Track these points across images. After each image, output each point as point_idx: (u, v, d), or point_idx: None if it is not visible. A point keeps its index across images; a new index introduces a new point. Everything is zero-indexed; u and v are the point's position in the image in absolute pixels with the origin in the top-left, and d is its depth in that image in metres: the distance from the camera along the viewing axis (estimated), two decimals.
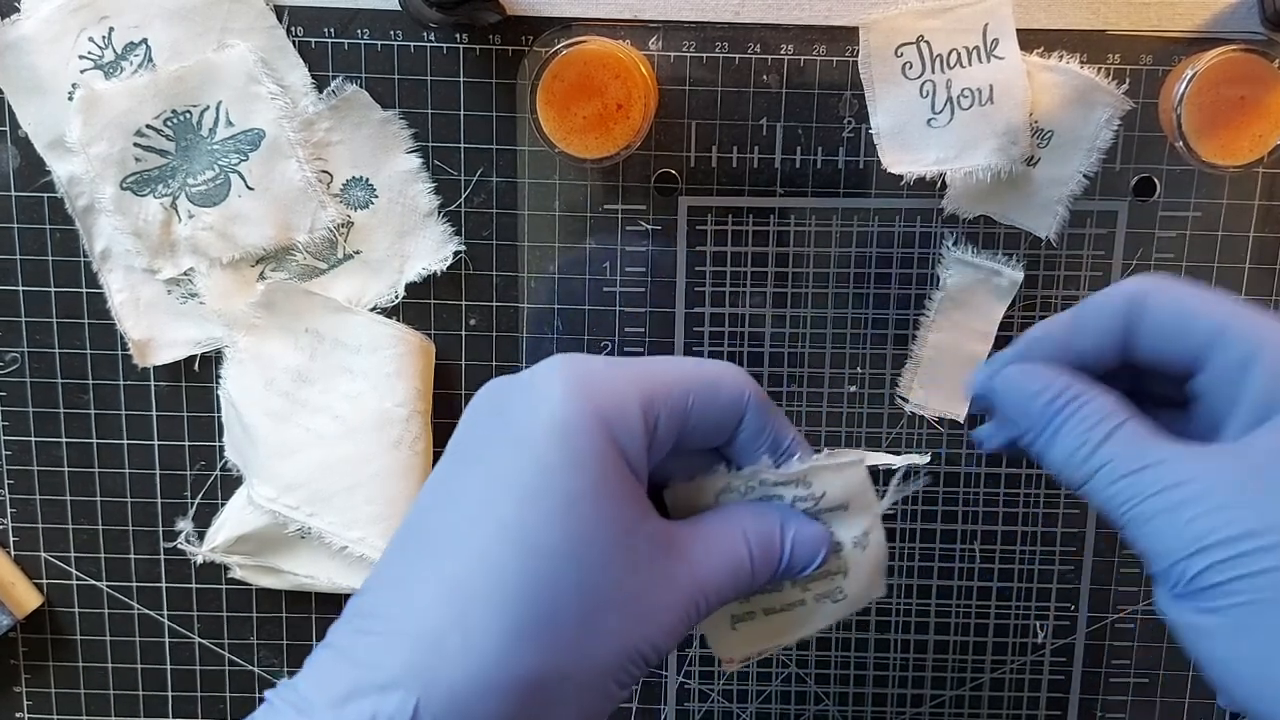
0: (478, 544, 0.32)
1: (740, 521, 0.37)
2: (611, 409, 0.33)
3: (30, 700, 0.59)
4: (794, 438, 0.38)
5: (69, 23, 0.52)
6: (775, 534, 0.37)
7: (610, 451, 0.33)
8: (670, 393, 0.35)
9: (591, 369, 0.34)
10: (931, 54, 0.51)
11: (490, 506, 0.33)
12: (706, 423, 0.36)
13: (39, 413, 0.57)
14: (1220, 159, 0.51)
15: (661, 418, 0.35)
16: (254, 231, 0.53)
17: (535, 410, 0.33)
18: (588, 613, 0.32)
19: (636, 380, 0.34)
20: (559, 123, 0.50)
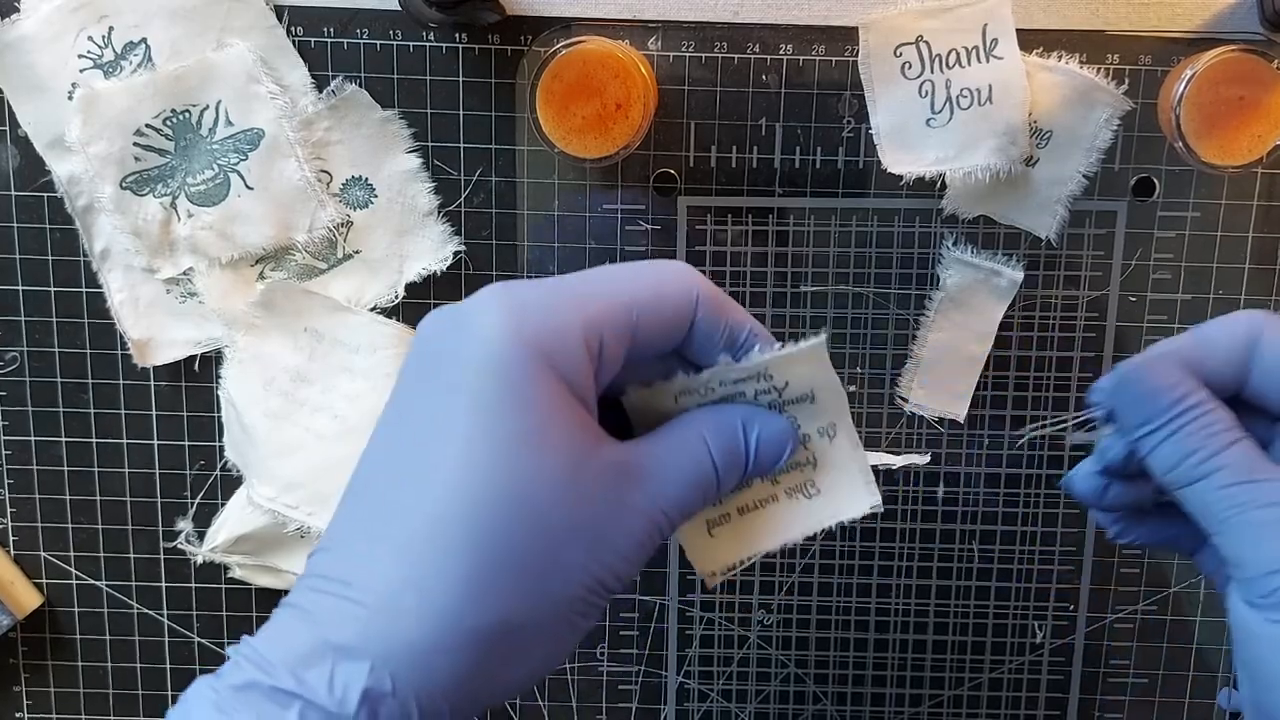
0: (425, 498, 0.31)
1: (698, 427, 0.36)
2: (551, 341, 0.32)
3: (30, 700, 0.59)
4: (750, 329, 0.37)
5: (68, 22, 0.52)
6: (738, 434, 0.36)
7: (553, 386, 0.32)
8: (612, 311, 0.34)
9: (526, 300, 0.33)
10: (931, 54, 0.51)
11: (434, 458, 0.32)
12: (655, 332, 0.35)
13: (39, 413, 0.57)
14: (1219, 159, 0.51)
15: (606, 339, 0.33)
16: (253, 231, 0.53)
17: (471, 351, 0.32)
18: (543, 554, 0.32)
19: (575, 305, 0.33)
20: (558, 122, 0.50)
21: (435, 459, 0.32)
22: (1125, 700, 0.59)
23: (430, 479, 0.32)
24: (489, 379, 0.32)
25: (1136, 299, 0.55)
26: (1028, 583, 0.58)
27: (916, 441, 0.57)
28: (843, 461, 0.39)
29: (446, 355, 0.33)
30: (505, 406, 0.31)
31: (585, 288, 0.34)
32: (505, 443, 0.31)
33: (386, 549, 0.31)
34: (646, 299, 0.34)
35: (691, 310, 0.35)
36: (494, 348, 0.32)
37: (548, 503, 0.32)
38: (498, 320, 0.32)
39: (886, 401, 0.56)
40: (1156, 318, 0.55)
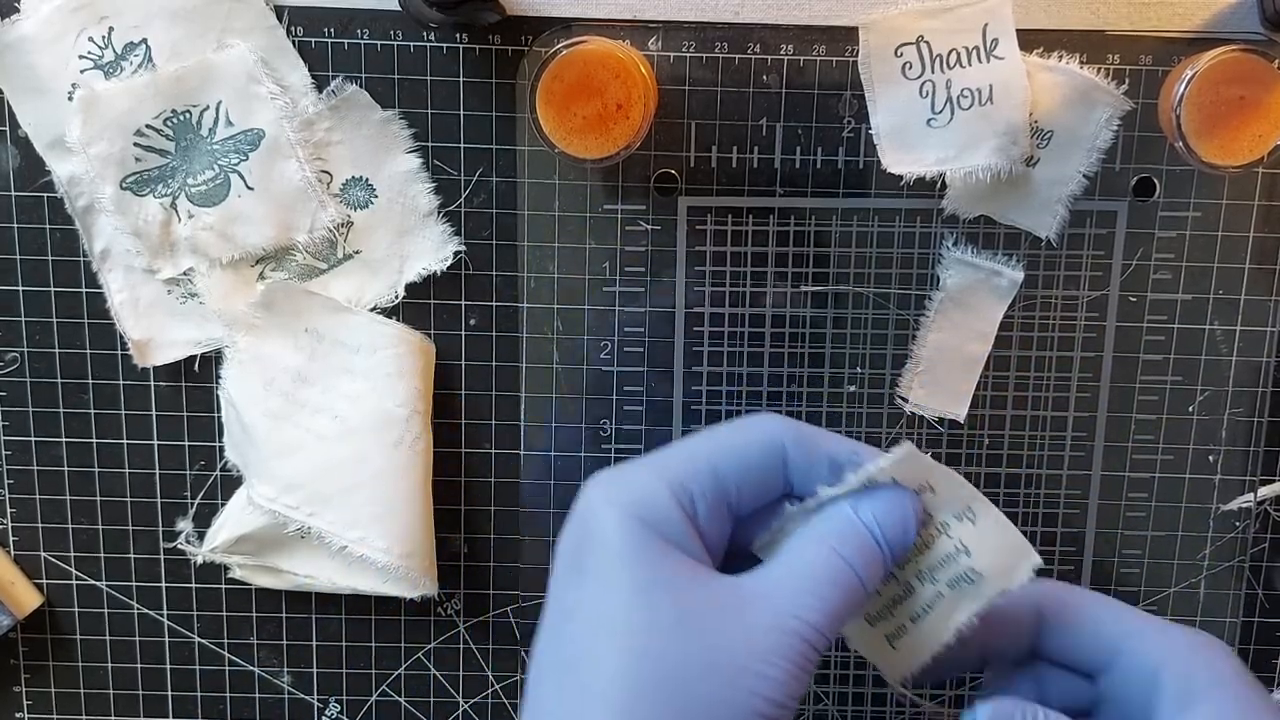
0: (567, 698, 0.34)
1: (809, 531, 0.37)
2: (649, 511, 0.35)
3: (30, 700, 0.59)
4: (850, 451, 0.38)
5: (69, 23, 0.52)
6: (853, 521, 0.37)
7: (659, 544, 0.35)
8: (694, 468, 0.36)
9: (623, 482, 0.36)
10: (931, 54, 0.51)
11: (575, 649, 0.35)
12: (749, 479, 0.37)
13: (39, 413, 0.57)
14: (1220, 159, 0.51)
15: (696, 496, 0.36)
16: (254, 231, 0.53)
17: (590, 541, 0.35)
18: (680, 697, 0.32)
19: (660, 473, 0.36)
20: (559, 123, 0.50)
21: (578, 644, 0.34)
22: None
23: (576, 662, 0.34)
24: (605, 552, 0.35)
25: (1136, 299, 0.55)
26: None
27: (916, 442, 0.57)
28: (994, 539, 0.40)
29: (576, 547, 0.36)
30: (620, 571, 0.34)
31: (672, 455, 0.37)
32: (624, 601, 0.34)
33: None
34: (728, 452, 0.37)
35: (781, 452, 0.37)
36: (605, 526, 0.35)
37: (671, 646, 0.33)
38: (604, 505, 0.36)
39: (886, 401, 0.56)
40: (1156, 318, 0.55)
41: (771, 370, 0.56)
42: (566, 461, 0.57)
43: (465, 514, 0.57)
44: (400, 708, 0.59)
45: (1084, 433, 0.56)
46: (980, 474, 0.57)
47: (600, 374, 0.56)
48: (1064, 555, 0.57)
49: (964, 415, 0.56)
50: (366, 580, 0.55)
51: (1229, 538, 0.57)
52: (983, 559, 0.40)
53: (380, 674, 0.59)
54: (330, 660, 0.59)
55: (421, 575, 0.55)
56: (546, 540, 0.58)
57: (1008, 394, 0.56)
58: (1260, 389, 0.56)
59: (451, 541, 0.57)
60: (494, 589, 0.58)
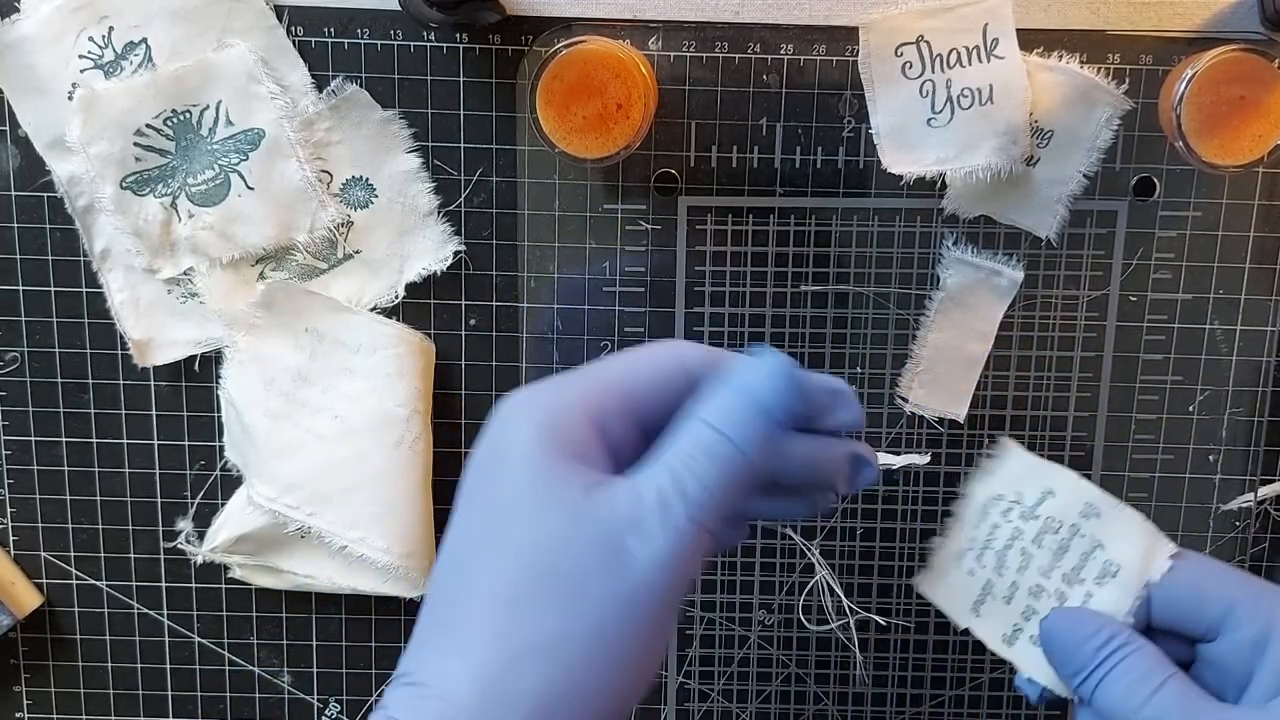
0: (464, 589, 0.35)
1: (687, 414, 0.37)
2: (560, 426, 0.36)
3: (30, 700, 0.59)
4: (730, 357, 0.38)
5: (69, 22, 0.52)
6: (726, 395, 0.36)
7: (563, 459, 0.35)
8: (607, 389, 0.37)
9: (537, 399, 0.37)
10: (931, 54, 0.51)
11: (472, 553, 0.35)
12: (658, 399, 0.37)
13: (39, 413, 0.57)
14: (1220, 159, 0.50)
15: (607, 413, 0.37)
16: (254, 231, 0.53)
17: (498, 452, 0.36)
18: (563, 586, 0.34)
19: (574, 389, 0.37)
20: (559, 123, 0.50)
21: (475, 546, 0.35)
22: None
23: (472, 564, 0.35)
24: (513, 464, 0.35)
25: (1137, 299, 0.55)
26: None
27: (916, 441, 0.57)
28: (1124, 529, 0.42)
29: (489, 458, 0.37)
30: (524, 481, 0.35)
31: (583, 376, 0.38)
32: (526, 507, 0.35)
33: (445, 633, 0.35)
34: (636, 372, 0.38)
35: (686, 373, 0.37)
36: (517, 439, 0.36)
37: (558, 543, 0.34)
38: (519, 419, 0.36)
39: (886, 401, 0.56)
40: (1156, 317, 0.55)
41: None
42: None
43: None
44: None
45: (1084, 433, 0.56)
46: None
47: None
48: None
49: (964, 415, 0.56)
50: (366, 580, 0.55)
51: (1229, 537, 0.57)
52: (1117, 550, 0.41)
53: (380, 674, 0.59)
54: (330, 660, 0.59)
55: (421, 575, 0.55)
56: None
57: (1008, 394, 0.56)
58: (1260, 389, 0.56)
59: None
60: None
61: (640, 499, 0.34)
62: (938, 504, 0.57)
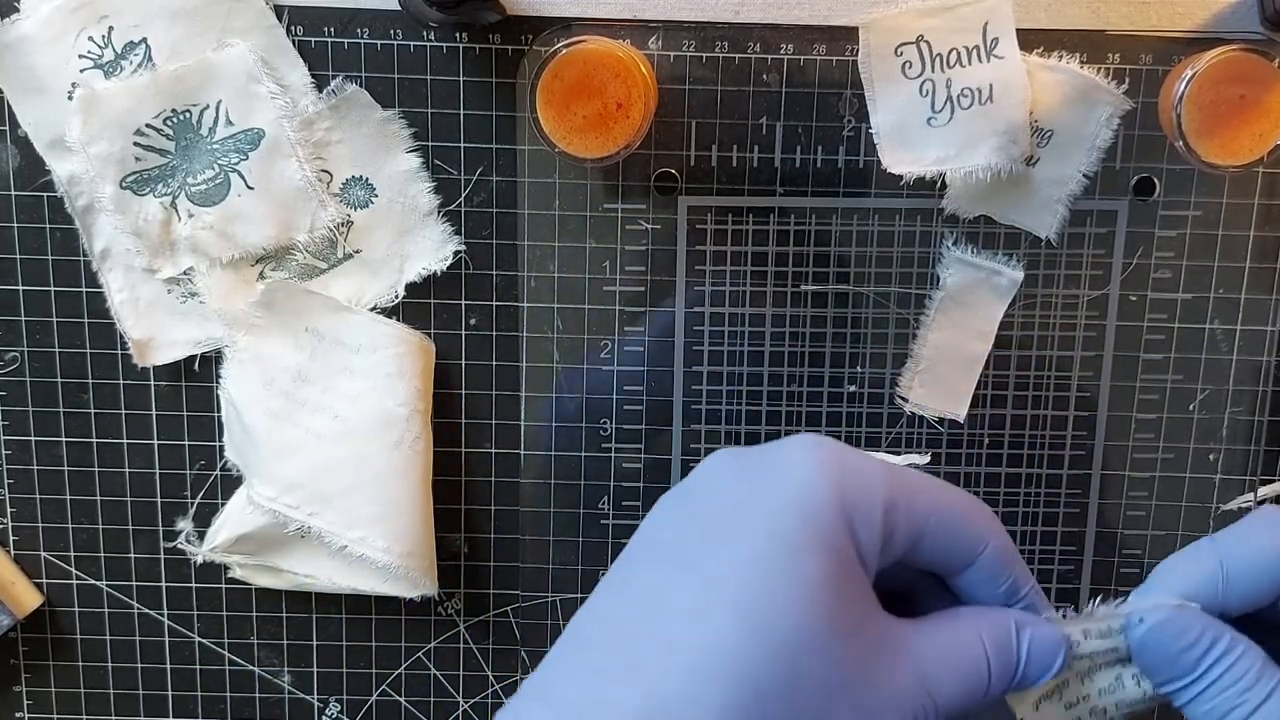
0: (714, 614, 0.31)
1: (974, 621, 0.35)
2: (858, 501, 0.32)
3: (30, 700, 0.59)
4: (1032, 588, 0.36)
5: (69, 22, 0.52)
6: (1010, 636, 0.35)
7: (849, 543, 0.32)
8: (915, 502, 0.34)
9: (844, 457, 0.33)
10: (931, 53, 0.51)
11: (727, 578, 0.31)
12: (939, 547, 0.35)
13: (39, 412, 0.57)
14: (1220, 158, 0.50)
15: (900, 523, 0.33)
16: (254, 231, 0.53)
17: (785, 489, 0.32)
18: (818, 702, 0.31)
19: (886, 479, 0.33)
20: (559, 122, 0.50)
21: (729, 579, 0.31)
22: None
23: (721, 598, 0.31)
24: (800, 518, 0.31)
25: (1137, 299, 0.55)
26: None
27: (916, 441, 0.57)
28: None
29: (753, 479, 0.33)
30: (811, 548, 0.31)
31: (899, 470, 0.34)
32: (805, 583, 0.31)
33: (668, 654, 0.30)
34: (947, 513, 0.34)
35: (979, 550, 0.35)
36: (807, 490, 0.32)
37: (831, 654, 0.31)
38: (814, 466, 0.32)
39: (886, 401, 0.56)
40: (1156, 317, 0.55)
41: (771, 370, 0.56)
42: (566, 461, 0.57)
43: (465, 514, 0.57)
44: (400, 707, 0.59)
45: (1084, 433, 0.56)
46: (980, 474, 0.57)
47: (600, 374, 0.56)
48: (1064, 555, 0.57)
49: (964, 415, 0.56)
50: (366, 580, 0.55)
51: None
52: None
53: (380, 674, 0.59)
54: (330, 660, 0.59)
55: (421, 575, 0.55)
56: (546, 540, 0.58)
57: (1008, 394, 0.56)
58: (1260, 388, 0.56)
59: (451, 541, 0.57)
60: (494, 589, 0.58)
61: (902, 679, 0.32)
62: None
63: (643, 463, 0.57)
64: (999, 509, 0.57)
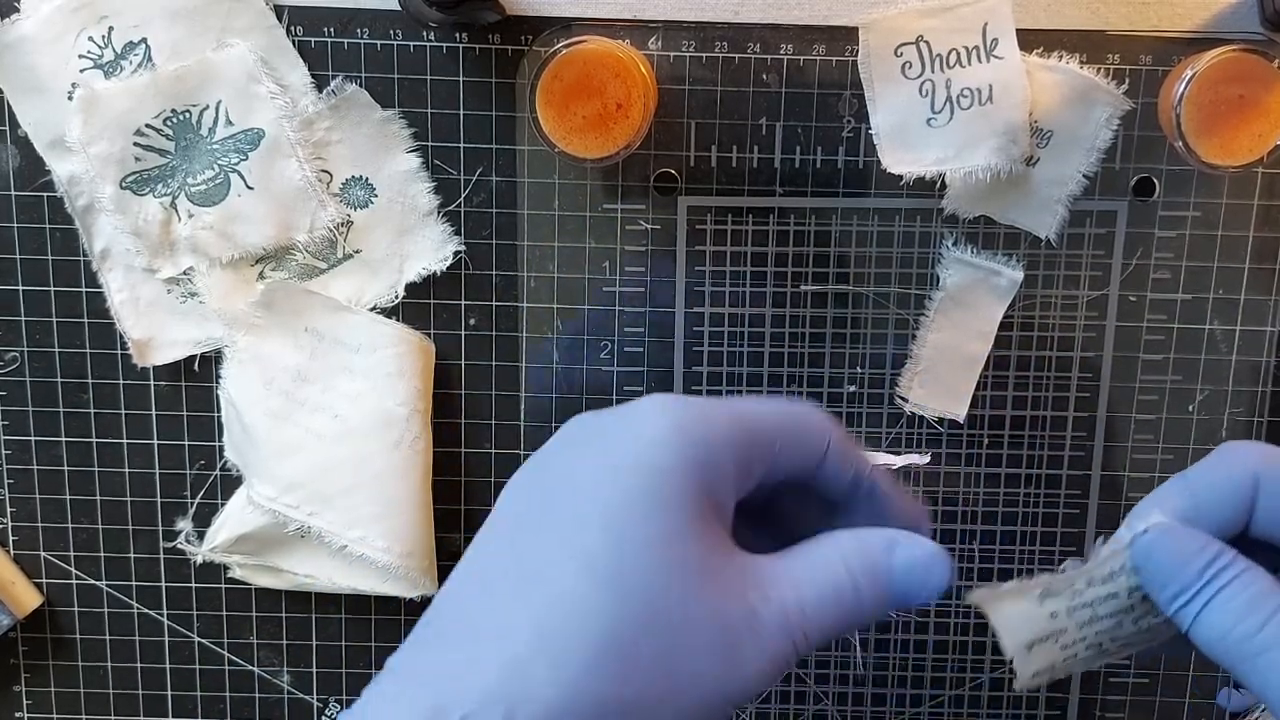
0: (565, 574, 0.31)
1: (837, 546, 0.35)
2: (707, 456, 0.33)
3: (30, 700, 0.59)
4: (869, 469, 0.37)
5: (69, 22, 0.52)
6: (877, 556, 0.35)
7: (700, 496, 0.33)
8: (761, 439, 0.35)
9: (691, 413, 0.34)
10: (931, 54, 0.51)
11: (578, 537, 0.32)
12: (791, 461, 0.36)
13: (39, 412, 0.57)
14: (1220, 159, 0.50)
15: (755, 456, 0.34)
16: (254, 231, 0.53)
17: (631, 448, 0.33)
18: (670, 652, 0.31)
19: (732, 421, 0.34)
20: (559, 122, 0.50)
21: (579, 539, 0.32)
22: (1126, 700, 0.59)
23: (572, 557, 0.32)
24: (647, 476, 0.32)
25: (1136, 299, 0.55)
26: None
27: (916, 441, 0.57)
28: None
29: (607, 444, 0.33)
30: (658, 506, 0.32)
31: (742, 411, 0.35)
32: (650, 539, 0.32)
33: (520, 615, 0.31)
34: (790, 429, 0.35)
35: (824, 449, 0.36)
36: (656, 450, 0.33)
37: (680, 606, 0.32)
38: (663, 424, 0.33)
39: (886, 401, 0.56)
40: (1156, 317, 0.55)
41: (771, 370, 0.56)
42: None
43: (465, 514, 0.57)
44: None
45: (1084, 433, 0.56)
46: (980, 474, 0.57)
47: (600, 374, 0.56)
48: (1064, 555, 0.57)
49: (964, 415, 0.56)
50: (366, 580, 0.55)
51: None
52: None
53: None
54: (330, 660, 0.59)
55: (421, 575, 0.55)
56: None
57: (1008, 394, 0.56)
58: (1260, 389, 0.56)
59: (451, 541, 0.57)
60: None
61: (766, 612, 0.33)
62: (937, 504, 0.57)
63: None
64: (999, 509, 0.57)
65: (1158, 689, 0.59)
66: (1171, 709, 0.59)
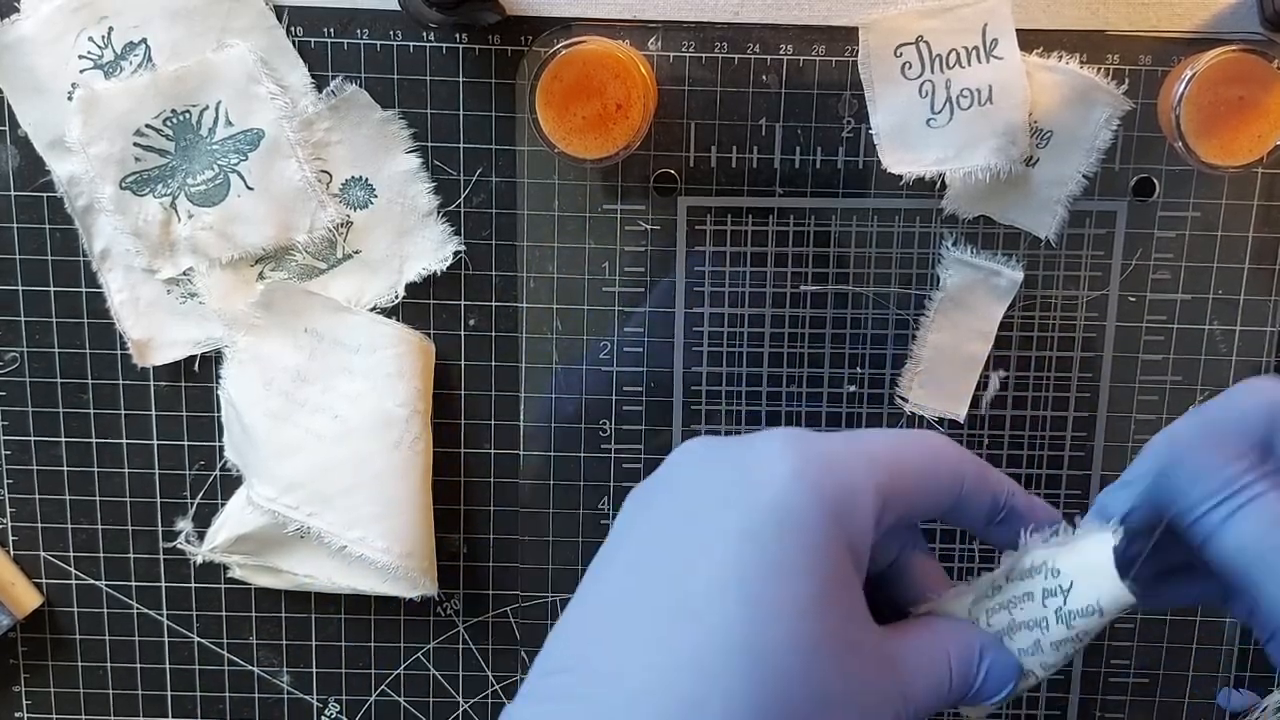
0: (696, 628, 0.30)
1: (945, 641, 0.35)
2: (845, 502, 0.31)
3: (30, 700, 0.59)
4: (1009, 491, 0.36)
5: (69, 23, 0.52)
6: (973, 659, 0.35)
7: (839, 550, 0.31)
8: (901, 478, 0.33)
9: (820, 451, 0.31)
10: (931, 54, 0.51)
11: (704, 594, 0.30)
12: (925, 502, 0.34)
13: (39, 413, 0.57)
14: (1219, 159, 0.51)
15: (890, 504, 0.32)
16: (254, 231, 0.53)
17: (758, 495, 0.30)
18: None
19: (868, 465, 0.32)
20: (558, 123, 0.50)
21: (706, 596, 0.30)
22: (1125, 700, 0.59)
23: (700, 613, 0.29)
24: (778, 528, 0.30)
25: (1136, 299, 0.55)
26: None
27: None
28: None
29: (730, 490, 0.31)
30: (793, 562, 0.30)
31: (874, 448, 0.33)
32: (792, 605, 0.30)
33: (649, 674, 0.29)
34: (928, 469, 0.34)
35: (960, 484, 0.34)
36: (787, 497, 0.30)
37: (824, 677, 0.30)
38: (792, 468, 0.31)
39: (886, 401, 0.56)
40: (1156, 318, 0.55)
41: (771, 370, 0.56)
42: (566, 462, 0.57)
43: (465, 514, 0.57)
44: (400, 708, 0.59)
45: (1084, 433, 0.56)
46: None
47: (600, 374, 0.56)
48: None
49: (964, 415, 0.56)
50: (366, 580, 0.55)
51: None
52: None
53: (380, 674, 0.59)
54: (330, 660, 0.59)
55: (421, 575, 0.55)
56: (546, 540, 0.58)
57: (1008, 394, 0.56)
58: None
59: (451, 541, 0.57)
60: (493, 589, 0.58)
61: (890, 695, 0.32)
62: None
63: (642, 463, 0.57)
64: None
65: (1158, 689, 0.59)
66: (1171, 709, 0.59)
